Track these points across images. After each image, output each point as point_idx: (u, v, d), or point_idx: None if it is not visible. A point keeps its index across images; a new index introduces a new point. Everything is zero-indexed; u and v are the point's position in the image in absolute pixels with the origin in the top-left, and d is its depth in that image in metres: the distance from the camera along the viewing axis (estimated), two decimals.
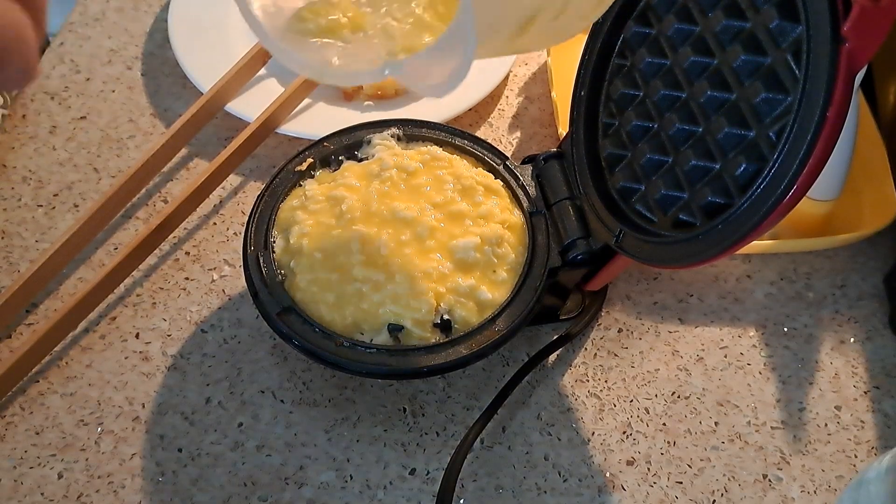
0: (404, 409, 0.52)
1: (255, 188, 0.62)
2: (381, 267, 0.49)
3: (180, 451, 0.50)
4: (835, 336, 0.56)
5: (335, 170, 0.55)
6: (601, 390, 0.54)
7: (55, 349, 0.53)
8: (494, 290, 0.50)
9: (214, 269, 0.58)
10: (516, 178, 0.55)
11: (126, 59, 0.70)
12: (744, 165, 0.42)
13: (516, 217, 0.53)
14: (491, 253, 0.51)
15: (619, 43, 0.51)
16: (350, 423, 0.52)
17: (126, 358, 0.54)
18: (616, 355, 0.55)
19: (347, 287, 0.49)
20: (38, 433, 0.51)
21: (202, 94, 0.62)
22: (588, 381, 0.54)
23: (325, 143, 0.56)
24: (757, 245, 0.57)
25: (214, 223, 0.61)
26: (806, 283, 0.59)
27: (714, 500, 0.49)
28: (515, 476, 0.50)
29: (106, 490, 0.49)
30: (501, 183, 0.55)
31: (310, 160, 0.55)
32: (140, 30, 0.73)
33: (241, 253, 0.54)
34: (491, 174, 0.55)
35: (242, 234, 0.52)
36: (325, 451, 0.51)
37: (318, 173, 0.55)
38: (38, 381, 0.52)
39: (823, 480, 0.50)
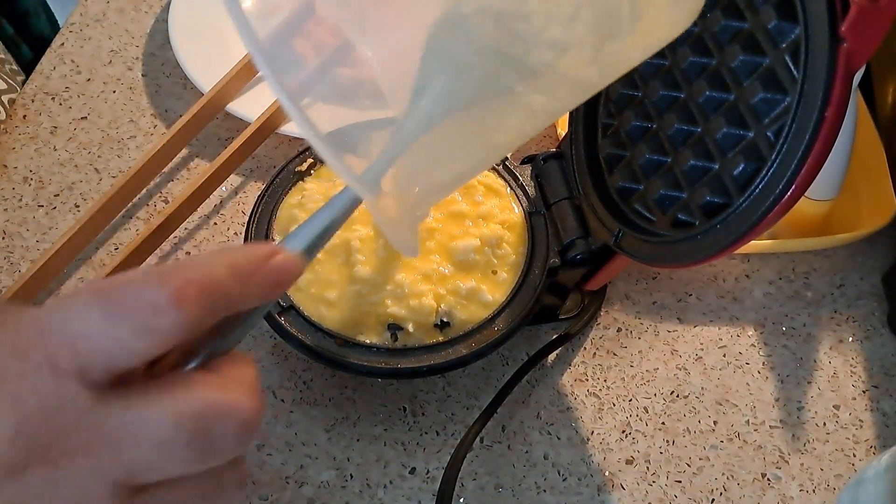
0: (404, 409, 0.52)
1: (255, 188, 0.63)
2: (381, 268, 0.50)
3: None
4: (833, 335, 0.56)
5: None
6: (600, 389, 0.54)
7: None
8: (494, 291, 0.50)
9: None
10: (515, 178, 0.55)
11: (127, 60, 0.70)
12: (742, 165, 0.42)
13: (516, 217, 0.53)
14: (491, 254, 0.51)
15: None
16: (350, 423, 0.52)
17: None
18: (615, 354, 0.55)
19: (347, 288, 0.49)
20: None
21: (203, 94, 0.62)
22: (587, 380, 0.54)
23: None
24: (755, 244, 0.57)
25: (215, 223, 0.61)
26: (804, 283, 0.59)
27: (713, 499, 0.50)
28: (515, 475, 0.50)
29: None
30: (502, 182, 0.55)
31: (310, 160, 0.55)
32: (140, 30, 0.73)
33: None
34: (491, 173, 0.55)
35: (243, 235, 0.52)
36: (326, 450, 0.51)
37: (318, 169, 0.55)
38: None
39: (822, 479, 0.50)
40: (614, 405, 0.53)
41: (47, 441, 0.25)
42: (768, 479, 0.50)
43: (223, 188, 0.62)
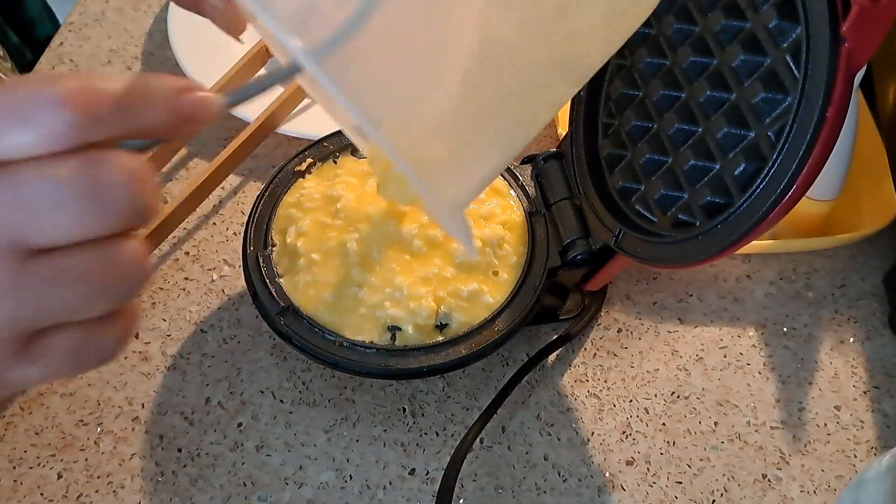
0: (404, 410, 0.52)
1: (254, 188, 0.62)
2: (379, 270, 0.49)
3: (180, 451, 0.50)
4: (834, 336, 0.56)
5: (336, 161, 0.55)
6: (601, 390, 0.54)
7: None
8: (495, 292, 0.50)
9: (214, 269, 0.58)
10: (516, 178, 0.55)
11: (126, 60, 0.70)
12: (743, 165, 0.42)
13: (516, 217, 0.53)
14: (492, 254, 0.51)
15: None
16: (349, 423, 0.52)
17: (125, 358, 0.54)
18: (615, 355, 0.55)
19: (345, 289, 0.49)
20: (37, 433, 0.51)
21: None
22: (587, 380, 0.54)
23: (324, 143, 0.56)
24: (756, 245, 0.57)
25: (214, 223, 0.61)
26: (805, 283, 0.59)
27: (714, 500, 0.49)
28: (515, 476, 0.50)
29: (105, 490, 0.49)
30: (503, 182, 0.55)
31: (309, 160, 0.55)
32: (140, 30, 0.73)
33: (240, 253, 0.54)
34: None
35: (242, 234, 0.52)
36: (325, 451, 0.51)
37: (317, 168, 0.54)
38: None
39: (823, 480, 0.50)
40: (615, 406, 0.53)
41: None
42: (769, 480, 0.50)
43: (222, 188, 0.62)
